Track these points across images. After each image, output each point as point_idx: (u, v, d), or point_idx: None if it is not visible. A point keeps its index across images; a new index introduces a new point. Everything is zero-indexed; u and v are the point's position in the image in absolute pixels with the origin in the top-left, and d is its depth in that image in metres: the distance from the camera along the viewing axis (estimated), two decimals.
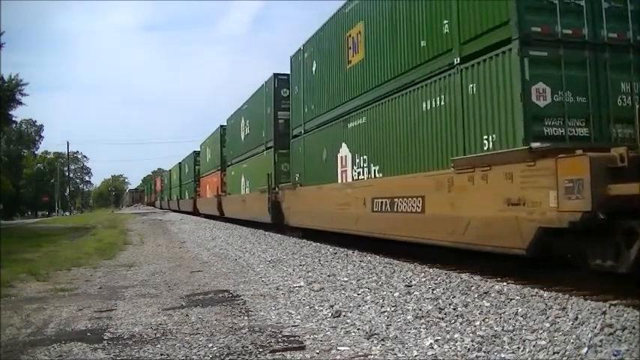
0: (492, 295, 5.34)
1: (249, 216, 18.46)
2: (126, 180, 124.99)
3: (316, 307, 5.66)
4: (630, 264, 4.62)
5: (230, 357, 4.01)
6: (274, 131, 15.64)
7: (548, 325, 4.19)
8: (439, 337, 4.25)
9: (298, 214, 13.39)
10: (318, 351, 4.12)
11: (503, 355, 3.75)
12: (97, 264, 10.31)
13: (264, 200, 15.57)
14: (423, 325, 4.63)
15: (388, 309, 5.29)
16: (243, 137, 20.30)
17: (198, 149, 34.66)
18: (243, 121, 20.43)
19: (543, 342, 3.84)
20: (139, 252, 12.65)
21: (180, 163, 43.80)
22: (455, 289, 5.77)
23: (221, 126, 25.37)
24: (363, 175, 9.79)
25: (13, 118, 30.04)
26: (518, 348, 3.82)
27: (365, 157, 9.71)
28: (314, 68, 12.54)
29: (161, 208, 57.00)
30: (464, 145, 6.73)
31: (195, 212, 33.53)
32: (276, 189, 15.01)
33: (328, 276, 7.54)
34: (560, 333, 3.97)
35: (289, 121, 14.63)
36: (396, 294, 5.89)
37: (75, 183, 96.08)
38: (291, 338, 4.49)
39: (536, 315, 4.46)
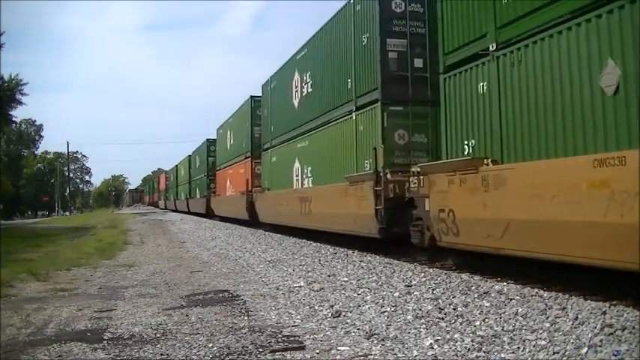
0: (492, 295, 5.34)
1: (322, 224, 11.51)
2: (126, 180, 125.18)
3: (316, 307, 5.66)
4: None
5: (230, 357, 4.01)
6: (381, 73, 8.85)
7: (548, 325, 4.19)
8: (439, 337, 4.25)
9: (491, 227, 6.05)
10: (318, 351, 4.12)
11: (503, 355, 3.75)
12: (97, 264, 10.31)
13: (360, 197, 9.24)
14: (423, 325, 4.63)
15: (388, 309, 5.29)
16: (296, 102, 13.60)
17: (213, 137, 28.49)
18: (297, 76, 13.53)
19: (543, 342, 3.84)
20: (138, 252, 12.65)
21: (189, 155, 37.53)
22: (455, 289, 5.77)
23: (252, 97, 18.77)
24: None
25: (13, 118, 30.05)
26: (518, 348, 3.82)
27: None
28: None
29: (165, 209, 52.09)
30: None
31: (209, 214, 27.82)
32: (389, 175, 8.54)
33: (328, 276, 7.54)
34: (560, 333, 3.97)
35: (407, 53, 8.82)
36: (396, 294, 5.89)
37: (75, 183, 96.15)
38: (291, 338, 4.49)
39: (536, 315, 4.46)
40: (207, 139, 29.83)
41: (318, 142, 12.10)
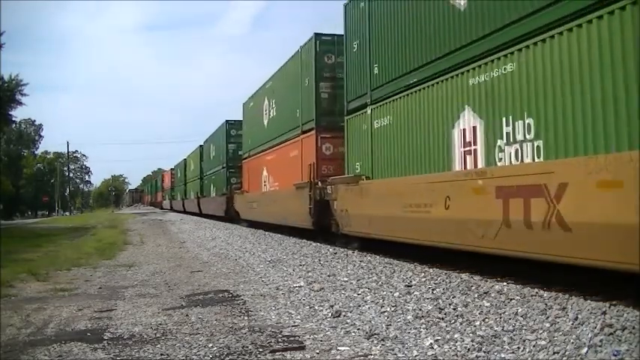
0: (492, 295, 5.34)
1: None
2: (126, 180, 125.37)
3: (316, 307, 5.66)
4: None
5: (230, 357, 4.01)
6: None
7: (548, 325, 4.19)
8: (439, 337, 4.25)
9: None
10: (318, 351, 4.12)
11: (503, 355, 3.75)
12: (97, 264, 10.31)
13: None
14: (423, 325, 4.63)
15: (388, 309, 5.29)
16: None
17: (232, 119, 22.99)
18: None
19: (543, 342, 3.84)
20: (138, 252, 12.64)
21: (201, 145, 31.24)
22: (455, 289, 5.77)
23: (317, 35, 11.98)
24: None
25: (13, 118, 30.06)
26: (518, 348, 3.82)
27: None
28: None
29: (171, 209, 46.40)
30: None
31: (230, 218, 21.83)
32: None
33: (328, 276, 7.54)
34: (560, 333, 3.97)
35: None
36: (396, 294, 5.89)
37: (75, 183, 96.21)
38: (291, 338, 4.49)
39: (536, 315, 4.46)
40: (227, 121, 23.39)
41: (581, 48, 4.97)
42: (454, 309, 5.00)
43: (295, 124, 13.36)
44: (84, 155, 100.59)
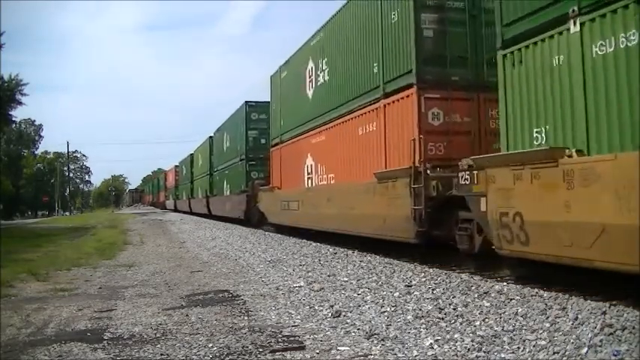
0: (492, 295, 5.34)
1: None
2: (126, 180, 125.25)
3: (316, 307, 5.66)
4: None
5: (230, 357, 4.01)
6: None
7: (548, 325, 4.19)
8: (439, 337, 4.25)
9: None
10: (318, 351, 4.12)
11: (503, 355, 3.75)
12: (97, 264, 10.30)
13: None
14: (423, 325, 4.63)
15: (388, 309, 5.29)
16: None
17: (253, 100, 19.54)
18: None
19: (543, 342, 3.84)
20: (138, 252, 12.64)
21: (211, 136, 27.28)
22: (455, 289, 5.77)
23: None
24: None
25: (13, 118, 30.05)
26: (518, 348, 3.82)
27: None
28: None
29: (175, 210, 42.96)
30: None
31: (253, 222, 18.04)
32: None
33: (328, 276, 7.54)
34: (560, 333, 3.97)
35: None
36: (396, 294, 5.90)
37: (75, 183, 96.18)
38: (291, 338, 4.49)
39: (536, 315, 4.47)
40: (247, 102, 19.45)
41: None
42: (454, 309, 5.01)
43: (371, 85, 9.23)
44: (84, 155, 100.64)
